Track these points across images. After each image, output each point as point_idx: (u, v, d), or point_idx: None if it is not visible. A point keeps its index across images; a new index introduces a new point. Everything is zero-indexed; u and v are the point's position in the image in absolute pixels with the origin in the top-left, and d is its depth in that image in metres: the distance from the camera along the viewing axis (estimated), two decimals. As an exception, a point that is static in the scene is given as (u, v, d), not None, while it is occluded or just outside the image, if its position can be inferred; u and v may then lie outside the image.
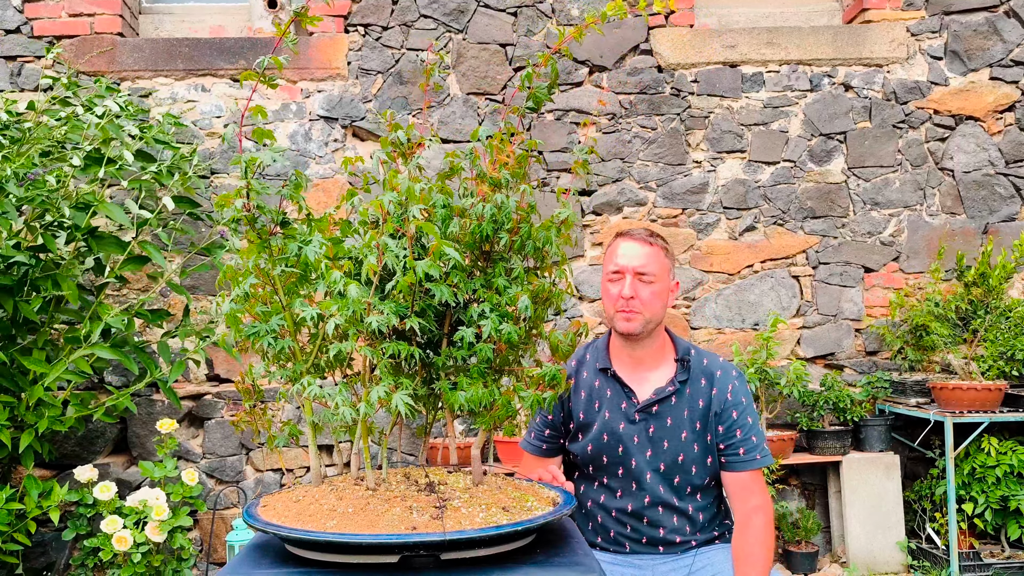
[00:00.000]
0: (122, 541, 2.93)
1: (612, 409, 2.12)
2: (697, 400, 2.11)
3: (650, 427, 2.10)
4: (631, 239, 2.10)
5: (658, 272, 2.08)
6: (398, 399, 1.25)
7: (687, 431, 2.09)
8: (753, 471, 2.08)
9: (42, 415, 2.97)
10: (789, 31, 4.05)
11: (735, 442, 2.08)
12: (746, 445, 2.08)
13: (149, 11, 4.15)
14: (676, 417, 2.10)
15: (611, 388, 2.14)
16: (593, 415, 2.14)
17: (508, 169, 1.45)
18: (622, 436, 2.11)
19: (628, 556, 2.13)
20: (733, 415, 2.09)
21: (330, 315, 1.27)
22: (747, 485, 2.07)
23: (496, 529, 1.21)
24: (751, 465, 2.07)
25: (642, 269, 2.06)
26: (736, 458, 2.08)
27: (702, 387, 2.12)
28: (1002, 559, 3.60)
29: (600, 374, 2.16)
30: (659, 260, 2.09)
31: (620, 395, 2.13)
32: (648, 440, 2.10)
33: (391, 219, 1.32)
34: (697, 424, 2.09)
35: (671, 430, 2.09)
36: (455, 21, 3.97)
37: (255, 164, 1.37)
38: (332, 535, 1.18)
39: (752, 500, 2.06)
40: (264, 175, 3.81)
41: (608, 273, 2.11)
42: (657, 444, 2.09)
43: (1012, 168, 4.09)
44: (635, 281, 2.06)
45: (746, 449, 2.07)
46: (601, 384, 2.16)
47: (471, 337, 1.36)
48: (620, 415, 2.12)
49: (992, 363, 3.68)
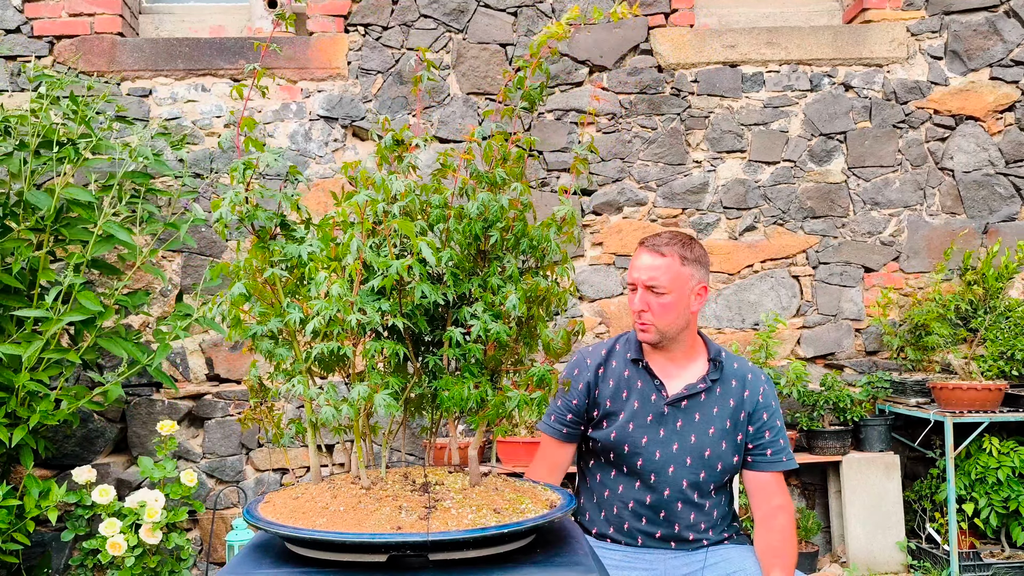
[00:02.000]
0: (116, 547, 2.94)
1: (641, 400, 2.13)
2: (728, 400, 2.13)
3: (678, 421, 2.11)
4: (645, 250, 2.11)
5: (668, 284, 2.06)
6: (379, 399, 1.25)
7: (715, 427, 2.11)
8: (777, 473, 2.12)
9: (34, 409, 2.98)
10: (789, 31, 4.05)
11: (764, 442, 2.11)
12: (774, 447, 2.12)
13: (149, 11, 4.16)
14: (705, 413, 2.12)
15: (641, 379, 2.15)
16: (620, 404, 2.15)
17: (504, 168, 1.44)
18: (648, 428, 2.11)
19: (639, 551, 2.13)
20: (764, 416, 2.12)
21: (314, 315, 1.27)
22: (770, 486, 2.11)
23: (481, 531, 1.21)
24: (777, 466, 2.11)
25: (651, 283, 2.07)
26: (763, 458, 2.11)
27: (733, 387, 2.14)
28: (1002, 559, 3.59)
29: (631, 364, 2.17)
30: (672, 271, 2.07)
31: (650, 387, 2.14)
32: (675, 434, 2.11)
33: (367, 219, 1.32)
34: (727, 422, 2.12)
35: (699, 425, 2.11)
36: (455, 21, 3.97)
37: (252, 167, 1.37)
38: (319, 533, 1.19)
39: (775, 500, 2.10)
40: (264, 175, 3.81)
41: (628, 283, 2.16)
42: (684, 438, 2.11)
43: (1012, 168, 4.08)
44: (645, 294, 2.07)
45: (773, 451, 2.11)
46: (631, 374, 2.16)
47: (459, 336, 1.36)
48: (649, 407, 2.12)
49: (992, 363, 3.67)
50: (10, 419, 3.02)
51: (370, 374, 1.31)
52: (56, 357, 2.99)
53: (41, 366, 3.00)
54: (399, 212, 1.33)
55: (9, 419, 3.01)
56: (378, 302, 1.32)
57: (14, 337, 3.01)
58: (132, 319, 3.75)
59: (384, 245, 1.37)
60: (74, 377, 3.59)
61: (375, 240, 1.38)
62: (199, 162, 3.83)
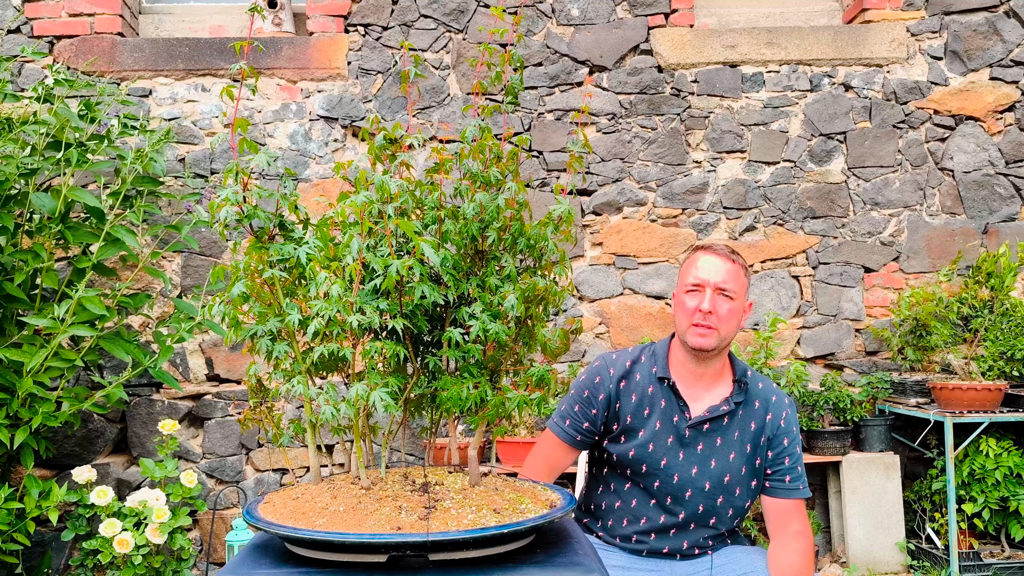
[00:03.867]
0: (123, 544, 2.94)
1: (664, 420, 2.08)
2: (749, 423, 2.08)
3: (699, 444, 2.07)
4: (714, 254, 2.06)
5: (738, 290, 2.04)
6: (376, 396, 1.25)
7: (736, 452, 2.07)
8: (795, 500, 2.07)
9: (36, 411, 2.98)
10: (789, 31, 4.05)
11: (783, 469, 2.07)
12: (792, 474, 2.07)
13: (149, 11, 4.16)
14: (727, 437, 2.07)
15: (666, 399, 2.09)
16: (642, 421, 2.09)
17: (499, 167, 1.44)
18: (669, 450, 2.07)
19: (644, 559, 2.10)
20: (784, 442, 2.08)
21: (313, 315, 1.27)
22: (789, 512, 2.07)
23: (480, 531, 1.21)
24: (794, 494, 2.06)
25: (723, 285, 2.02)
26: (781, 485, 2.07)
27: (756, 410, 2.09)
28: (1002, 559, 3.59)
29: (657, 382, 2.10)
30: (739, 278, 2.05)
31: (674, 408, 2.08)
32: (696, 457, 2.06)
33: (367, 219, 1.32)
34: (748, 447, 2.07)
35: (720, 450, 2.07)
36: (455, 21, 3.97)
37: (244, 173, 1.37)
38: (319, 533, 1.19)
39: (793, 526, 2.06)
40: (264, 176, 3.82)
41: (686, 285, 2.06)
42: (705, 463, 2.06)
43: (1012, 168, 4.08)
44: (715, 296, 2.02)
45: (792, 477, 2.07)
46: (656, 392, 2.10)
47: (458, 337, 1.36)
48: (671, 428, 2.07)
49: (992, 363, 3.67)
50: (11, 421, 3.02)
51: (369, 374, 1.31)
52: (60, 365, 2.99)
53: (43, 369, 3.01)
54: (393, 212, 1.33)
55: (10, 420, 3.01)
56: (377, 302, 1.32)
57: (15, 339, 3.01)
58: (132, 319, 3.75)
59: (381, 245, 1.37)
60: (75, 378, 3.59)
61: (372, 240, 1.38)
62: (199, 162, 3.84)
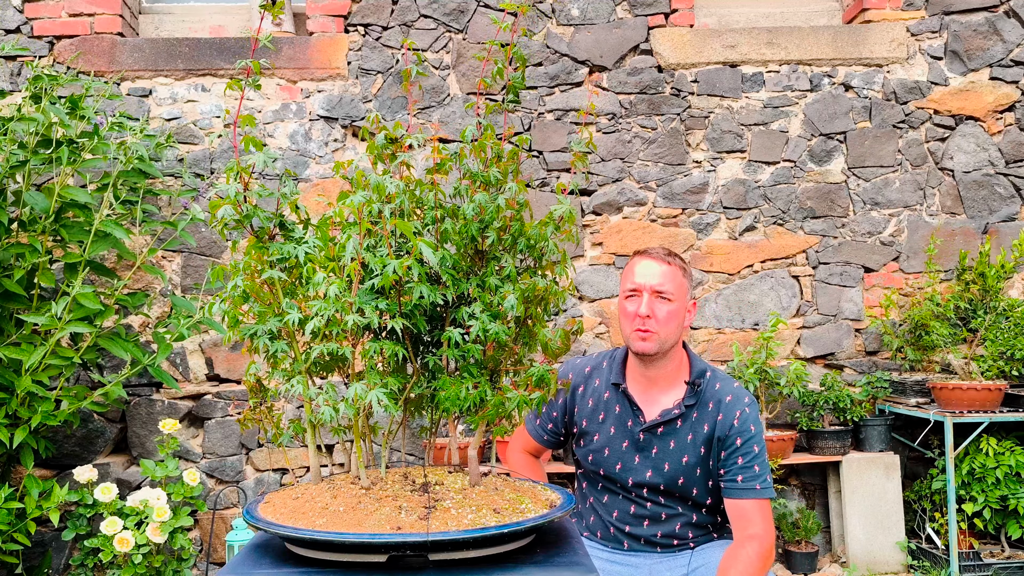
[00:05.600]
0: (124, 542, 2.94)
1: (618, 426, 2.12)
2: (702, 425, 2.09)
3: (654, 448, 2.10)
4: (649, 257, 2.09)
5: (675, 291, 2.06)
6: (373, 395, 1.25)
7: (689, 455, 2.08)
8: (752, 500, 2.03)
9: (35, 410, 2.98)
10: (789, 31, 4.04)
11: (734, 469, 2.05)
12: (745, 473, 2.04)
13: (149, 11, 4.16)
14: (679, 440, 2.09)
15: (620, 404, 2.13)
16: (596, 426, 2.15)
17: (499, 167, 1.44)
18: (624, 454, 2.11)
19: (625, 554, 2.15)
20: (737, 442, 2.06)
21: (313, 315, 1.27)
22: (746, 513, 2.03)
23: (481, 531, 1.21)
24: (748, 494, 2.03)
25: (660, 288, 2.04)
26: (734, 484, 2.05)
27: (709, 411, 2.09)
28: (1002, 559, 3.59)
29: (612, 388, 2.15)
30: (676, 279, 2.07)
31: (628, 412, 2.12)
32: (650, 461, 2.10)
33: (364, 219, 1.32)
34: (701, 449, 2.08)
35: (673, 453, 2.09)
36: (455, 21, 3.97)
37: (245, 171, 1.37)
38: (319, 533, 1.19)
39: (750, 528, 2.01)
40: (264, 175, 3.82)
41: (625, 291, 2.10)
42: (659, 465, 2.10)
43: (1012, 168, 4.08)
44: (652, 299, 2.04)
45: (745, 477, 2.04)
46: (611, 397, 2.15)
47: (457, 337, 1.36)
48: (625, 433, 2.11)
49: (992, 363, 3.67)
50: (11, 420, 3.02)
51: (369, 374, 1.31)
52: (58, 363, 2.99)
53: (41, 367, 3.01)
54: (391, 212, 1.33)
55: (10, 420, 3.01)
56: (376, 301, 1.32)
57: (14, 338, 3.01)
58: (131, 319, 3.75)
59: (380, 245, 1.37)
60: (74, 377, 3.59)
61: (371, 240, 1.38)
62: (199, 162, 3.84)
